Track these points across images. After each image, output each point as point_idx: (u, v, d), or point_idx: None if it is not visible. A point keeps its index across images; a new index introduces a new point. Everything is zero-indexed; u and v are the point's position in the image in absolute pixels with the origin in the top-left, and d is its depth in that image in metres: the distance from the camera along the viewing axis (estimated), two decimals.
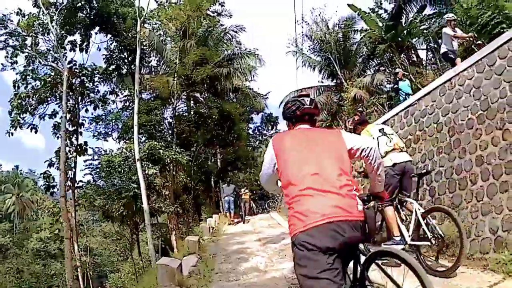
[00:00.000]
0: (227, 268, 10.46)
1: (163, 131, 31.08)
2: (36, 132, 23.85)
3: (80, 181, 25.54)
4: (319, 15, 32.71)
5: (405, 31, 26.26)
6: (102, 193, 24.88)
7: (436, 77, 12.39)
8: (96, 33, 25.11)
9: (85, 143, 24.80)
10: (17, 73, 23.22)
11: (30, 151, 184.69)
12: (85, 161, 25.21)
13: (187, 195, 30.42)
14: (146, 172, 21.71)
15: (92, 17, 23.93)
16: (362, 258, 3.70)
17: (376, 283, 3.76)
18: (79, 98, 24.59)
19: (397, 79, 17.07)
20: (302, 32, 35.16)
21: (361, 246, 3.75)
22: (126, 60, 25.05)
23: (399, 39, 26.14)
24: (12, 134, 23.30)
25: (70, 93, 24.11)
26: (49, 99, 23.94)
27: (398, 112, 11.87)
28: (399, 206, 7.80)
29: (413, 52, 27.81)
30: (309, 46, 34.49)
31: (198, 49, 29.44)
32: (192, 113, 33.12)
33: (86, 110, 26.04)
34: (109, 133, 31.59)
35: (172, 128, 30.58)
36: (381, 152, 7.48)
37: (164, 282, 8.40)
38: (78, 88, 24.37)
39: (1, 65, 23.80)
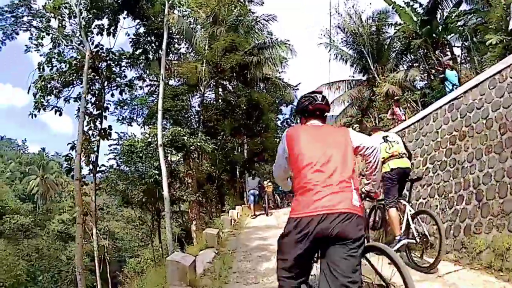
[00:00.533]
0: (246, 267, 9.66)
1: (189, 118, 30.66)
2: (60, 114, 23.36)
3: (103, 165, 24.90)
4: (353, 6, 32.22)
5: (440, 27, 25.41)
6: (125, 179, 24.99)
7: (473, 75, 11.58)
8: (124, 18, 24.64)
9: (109, 127, 24.02)
10: (41, 55, 22.92)
11: (60, 136, 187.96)
12: (110, 145, 25.55)
13: (210, 184, 29.86)
14: (169, 158, 21.29)
15: (119, 1, 23.50)
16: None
17: (364, 275, 4.11)
18: (105, 82, 24.29)
19: (445, 67, 16.09)
20: (335, 24, 34.41)
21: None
22: (153, 45, 24.47)
23: (434, 35, 25.30)
24: (35, 116, 22.57)
25: (96, 77, 23.72)
26: (74, 82, 23.26)
27: (442, 105, 10.71)
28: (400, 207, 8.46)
29: (448, 49, 26.97)
30: (341, 39, 34.09)
31: (228, 35, 29.00)
32: (220, 101, 32.51)
33: (112, 95, 25.44)
34: (134, 118, 31.44)
35: (199, 115, 30.19)
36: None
37: (173, 281, 7.55)
38: (104, 72, 24.05)
39: (25, 46, 23.58)
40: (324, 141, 4.08)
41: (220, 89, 33.85)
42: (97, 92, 23.79)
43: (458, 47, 27.08)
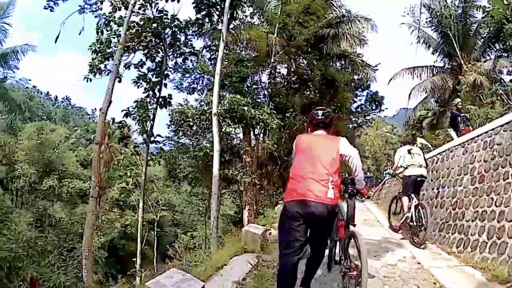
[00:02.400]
0: None
1: (255, 90, 28.61)
2: (120, 81, 22.41)
3: (158, 135, 24.08)
4: None
5: None
6: (185, 152, 24.81)
7: None
8: None
9: (169, 96, 23.54)
10: (96, 16, 22.02)
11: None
12: (169, 115, 24.38)
13: (274, 166, 27.80)
14: (224, 130, 19.66)
15: None
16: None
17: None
18: (169, 49, 23.76)
19: None
20: (420, 2, 31.96)
21: (351, 228, 6.05)
22: (218, 7, 22.93)
23: None
24: (90, 80, 22.21)
25: (160, 43, 23.28)
26: (135, 47, 23.05)
27: None
28: (411, 199, 11.58)
29: None
30: (426, 19, 31.59)
31: None
32: (291, 74, 30.20)
33: (176, 63, 25.52)
34: (196, 87, 30.21)
35: (266, 88, 28.62)
36: (403, 164, 11.71)
37: None
38: (168, 39, 23.59)
39: (79, 6, 22.57)
40: (318, 148, 5.59)
41: (292, 61, 31.23)
42: (159, 58, 23.62)
43: None
